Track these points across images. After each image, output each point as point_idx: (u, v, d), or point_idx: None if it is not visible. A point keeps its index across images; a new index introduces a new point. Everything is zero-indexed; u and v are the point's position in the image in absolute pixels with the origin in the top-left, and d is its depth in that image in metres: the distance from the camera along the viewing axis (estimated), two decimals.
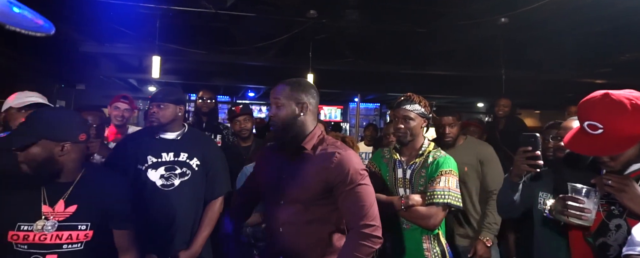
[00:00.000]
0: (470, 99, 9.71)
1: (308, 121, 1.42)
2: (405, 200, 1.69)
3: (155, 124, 1.93)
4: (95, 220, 1.39)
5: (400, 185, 1.79)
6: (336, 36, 4.99)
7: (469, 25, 4.36)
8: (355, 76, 7.23)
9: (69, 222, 1.34)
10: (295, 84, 1.42)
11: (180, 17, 4.20)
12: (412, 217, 1.68)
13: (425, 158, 1.76)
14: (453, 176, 1.69)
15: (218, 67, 6.75)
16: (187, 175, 1.96)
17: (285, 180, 1.41)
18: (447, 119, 2.30)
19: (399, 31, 4.83)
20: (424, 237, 1.70)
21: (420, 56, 6.09)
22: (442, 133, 2.31)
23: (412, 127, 1.74)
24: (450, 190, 1.65)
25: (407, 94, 1.80)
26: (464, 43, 5.41)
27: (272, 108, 1.42)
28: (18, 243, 1.28)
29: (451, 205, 1.65)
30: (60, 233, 1.32)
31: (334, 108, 10.44)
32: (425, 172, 1.72)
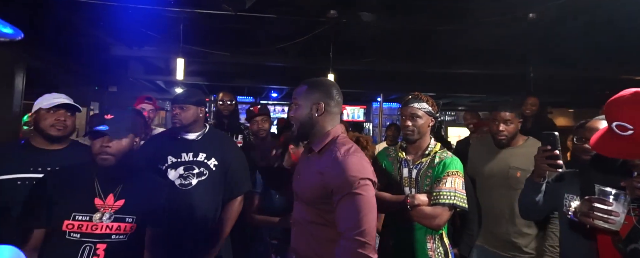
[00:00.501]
0: (497, 99, 9.41)
1: (325, 122, 1.39)
2: (411, 199, 1.68)
3: (177, 126, 1.99)
4: (139, 215, 1.51)
5: (406, 184, 1.78)
6: (357, 35, 4.96)
7: (496, 21, 4.21)
8: (377, 76, 7.17)
9: (119, 214, 1.46)
10: (313, 84, 1.41)
11: (203, 20, 4.30)
12: (418, 216, 1.67)
13: (432, 158, 1.74)
14: (459, 178, 1.68)
15: (241, 68, 6.87)
16: (204, 175, 2.01)
17: (297, 179, 1.45)
18: (503, 115, 2.08)
19: (422, 30, 4.74)
20: (428, 236, 1.70)
21: (444, 54, 5.95)
22: (496, 130, 2.12)
23: (420, 125, 1.74)
24: (456, 191, 1.64)
25: (415, 93, 1.80)
26: (491, 40, 5.24)
27: (292, 107, 1.45)
28: (72, 232, 1.39)
29: (457, 205, 1.64)
30: (110, 224, 1.44)
31: (356, 108, 10.39)
32: (431, 172, 1.71)
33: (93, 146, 1.47)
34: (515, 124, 2.13)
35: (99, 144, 1.45)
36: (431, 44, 5.53)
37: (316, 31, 4.60)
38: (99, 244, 1.42)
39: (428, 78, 7.19)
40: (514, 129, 2.14)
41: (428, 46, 5.63)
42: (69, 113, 1.83)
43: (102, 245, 1.42)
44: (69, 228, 1.40)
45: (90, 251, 1.41)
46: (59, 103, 1.76)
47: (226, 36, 5.23)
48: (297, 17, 4.30)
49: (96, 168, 1.49)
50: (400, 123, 1.82)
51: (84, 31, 4.83)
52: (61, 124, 1.79)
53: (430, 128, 1.78)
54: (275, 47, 5.38)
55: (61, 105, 1.77)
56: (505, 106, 2.14)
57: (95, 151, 1.46)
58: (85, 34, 4.98)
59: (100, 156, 1.45)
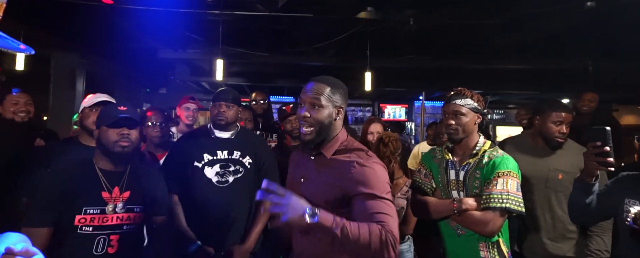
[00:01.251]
0: (552, 95, 8.75)
1: (338, 126, 1.34)
2: (457, 204, 1.56)
3: (223, 123, 2.03)
4: (144, 205, 1.57)
5: (453, 188, 1.66)
6: (395, 32, 4.83)
7: (549, 13, 3.90)
8: (418, 73, 6.95)
9: (128, 205, 1.52)
10: (336, 85, 1.32)
11: (242, 21, 4.40)
12: (467, 222, 1.55)
13: (480, 158, 1.61)
14: (512, 178, 1.53)
15: (281, 68, 6.98)
16: (240, 173, 2.04)
17: (304, 184, 1.35)
18: (567, 116, 1.91)
19: (465, 24, 4.51)
20: (481, 244, 1.56)
21: (490, 49, 5.63)
22: (555, 131, 1.93)
23: (464, 123, 1.61)
24: (509, 194, 1.49)
25: (458, 89, 1.67)
26: (543, 33, 4.86)
27: (306, 106, 1.30)
28: (84, 225, 1.43)
29: (511, 210, 1.48)
30: (121, 215, 1.50)
31: (398, 107, 10.15)
32: (479, 173, 1.58)
33: (110, 135, 1.48)
34: (568, 125, 1.97)
35: (119, 133, 1.49)
36: (476, 38, 5.25)
37: (353, 30, 4.54)
38: (112, 235, 1.47)
39: (473, 75, 6.85)
40: (567, 130, 1.97)
41: (473, 41, 5.36)
42: None
43: (115, 236, 1.48)
44: (82, 222, 1.43)
45: (105, 242, 1.46)
46: (99, 101, 1.87)
47: (265, 36, 5.33)
48: (333, 15, 4.27)
49: (98, 163, 1.53)
50: (443, 121, 1.71)
51: (134, 37, 5.16)
52: None
53: (478, 125, 1.65)
54: (313, 47, 5.39)
55: (102, 102, 1.88)
56: (567, 108, 1.96)
57: (114, 139, 1.48)
58: (135, 40, 5.32)
59: (120, 143, 1.48)
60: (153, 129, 2.34)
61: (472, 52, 5.83)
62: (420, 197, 1.72)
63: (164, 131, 2.37)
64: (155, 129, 2.33)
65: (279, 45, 5.68)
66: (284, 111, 2.84)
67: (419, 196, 1.73)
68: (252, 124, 2.94)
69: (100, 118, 1.55)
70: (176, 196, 1.98)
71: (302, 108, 1.31)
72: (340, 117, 1.33)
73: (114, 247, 1.48)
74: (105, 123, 1.50)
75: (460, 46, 5.56)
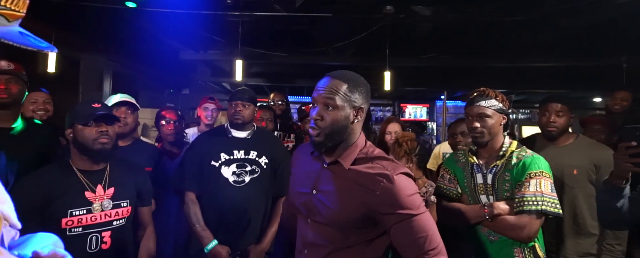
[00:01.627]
0: (582, 94, 8.38)
1: (357, 130, 1.16)
2: (489, 209, 1.49)
3: (239, 122, 2.05)
4: (131, 198, 1.60)
5: (482, 192, 1.58)
6: (415, 30, 4.75)
7: (578, 9, 3.72)
8: (439, 72, 6.81)
9: (114, 201, 1.54)
10: (355, 81, 1.12)
11: (261, 22, 4.44)
12: (500, 228, 1.47)
13: (508, 159, 1.54)
14: (546, 179, 1.45)
15: (300, 68, 6.99)
16: (256, 173, 2.05)
17: (317, 198, 1.16)
18: (555, 106, 1.97)
19: (489, 22, 4.38)
20: (516, 249, 1.49)
21: (515, 47, 5.44)
22: (546, 122, 1.98)
23: (490, 125, 1.54)
24: (543, 195, 1.42)
25: (481, 89, 1.60)
26: (573, 29, 4.65)
27: (319, 106, 1.13)
28: (72, 227, 1.43)
29: (547, 212, 1.41)
30: (109, 212, 1.51)
31: (419, 107, 9.99)
32: (509, 175, 1.50)
33: (87, 133, 1.46)
34: (566, 117, 1.97)
35: (98, 130, 1.47)
36: (500, 36, 5.09)
37: (372, 28, 4.49)
38: (104, 232, 1.48)
39: (497, 73, 6.65)
40: (566, 123, 1.98)
41: (497, 38, 5.19)
42: (129, 110, 1.99)
43: (107, 233, 1.49)
44: (69, 224, 1.42)
45: (98, 240, 1.47)
46: (119, 101, 1.92)
47: (284, 37, 5.35)
48: (352, 15, 4.23)
49: (75, 164, 1.51)
50: (467, 124, 1.63)
51: (157, 39, 5.29)
52: (123, 121, 1.96)
53: (503, 126, 1.59)
54: (332, 46, 5.37)
55: (122, 103, 1.92)
56: (556, 98, 2.01)
57: (93, 137, 1.45)
58: (158, 42, 5.46)
59: (100, 140, 1.46)
60: (167, 128, 2.38)
61: (495, 50, 5.65)
62: (447, 204, 1.65)
63: (177, 130, 2.42)
64: (169, 127, 2.38)
65: (298, 45, 5.69)
66: (303, 111, 2.83)
67: (446, 203, 1.66)
68: (273, 125, 2.94)
69: (74, 117, 1.49)
70: (193, 194, 2.00)
71: (314, 107, 1.14)
72: (360, 119, 1.14)
73: (107, 243, 1.49)
74: (80, 121, 1.46)
75: (483, 44, 5.40)
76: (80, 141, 1.47)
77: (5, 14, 0.58)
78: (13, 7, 0.59)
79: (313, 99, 1.16)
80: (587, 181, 1.92)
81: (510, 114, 1.62)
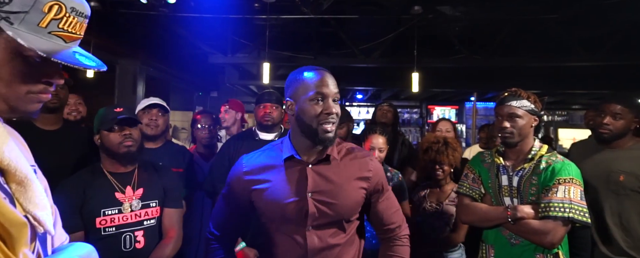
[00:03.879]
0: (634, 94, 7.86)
1: None
2: (512, 211, 1.46)
3: (270, 123, 2.07)
4: (160, 198, 1.63)
5: (506, 194, 1.55)
6: (446, 30, 4.63)
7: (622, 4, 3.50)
8: (469, 73, 6.60)
9: (143, 202, 1.58)
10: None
11: (289, 25, 4.47)
12: (523, 232, 1.44)
13: (537, 163, 1.49)
14: (575, 186, 1.40)
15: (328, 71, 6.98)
16: None
17: (316, 198, 1.12)
18: (613, 107, 1.82)
19: (522, 20, 4.20)
20: (538, 255, 1.45)
21: (553, 45, 5.19)
22: (599, 123, 1.86)
23: (521, 126, 1.50)
24: (572, 202, 1.37)
25: (512, 89, 1.55)
26: (616, 27, 4.39)
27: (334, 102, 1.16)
28: (106, 227, 1.49)
29: (574, 220, 1.36)
30: (139, 212, 1.56)
31: (447, 108, 9.75)
32: (537, 179, 1.46)
33: (112, 138, 1.51)
34: (625, 121, 1.81)
35: (121, 134, 1.52)
36: (537, 34, 4.88)
37: (400, 29, 4.42)
38: (136, 232, 1.53)
39: (531, 73, 6.38)
40: (623, 127, 1.81)
41: (532, 37, 4.98)
42: (160, 112, 2.05)
43: (140, 232, 1.54)
44: (103, 224, 1.48)
45: (131, 239, 1.52)
46: (150, 103, 1.98)
47: (311, 39, 5.37)
48: (380, 16, 4.19)
49: (106, 167, 1.57)
50: (496, 124, 1.60)
51: (188, 43, 5.46)
52: (154, 124, 2.03)
53: (534, 128, 1.54)
54: (359, 48, 5.34)
55: (153, 105, 1.98)
56: (616, 98, 1.84)
57: (118, 141, 1.51)
58: (188, 46, 5.63)
59: (124, 143, 1.51)
60: (202, 132, 2.43)
61: (531, 50, 5.42)
62: (468, 202, 1.64)
63: (212, 134, 2.46)
64: (204, 131, 2.43)
65: (325, 47, 5.69)
66: None
67: (467, 202, 1.64)
68: None
69: (98, 123, 1.55)
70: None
71: (333, 101, 1.18)
72: None
73: (141, 242, 1.54)
74: (105, 127, 1.52)
75: (517, 43, 5.20)
76: (107, 146, 1.53)
77: (62, 35, 0.63)
78: (70, 30, 0.64)
79: (324, 94, 1.14)
80: (637, 189, 1.77)
81: (542, 116, 1.56)
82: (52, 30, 0.62)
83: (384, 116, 2.97)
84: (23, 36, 0.59)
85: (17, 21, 0.59)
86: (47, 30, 0.61)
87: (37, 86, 0.64)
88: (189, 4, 3.88)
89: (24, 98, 0.63)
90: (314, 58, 5.64)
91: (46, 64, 0.63)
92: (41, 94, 0.65)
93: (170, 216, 1.65)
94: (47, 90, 0.66)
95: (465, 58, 5.43)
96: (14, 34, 0.58)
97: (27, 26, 0.59)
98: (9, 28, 0.58)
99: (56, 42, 0.63)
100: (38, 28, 0.60)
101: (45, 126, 1.83)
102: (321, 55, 5.77)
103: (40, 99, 0.66)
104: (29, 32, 0.60)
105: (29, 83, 0.63)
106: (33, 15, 0.60)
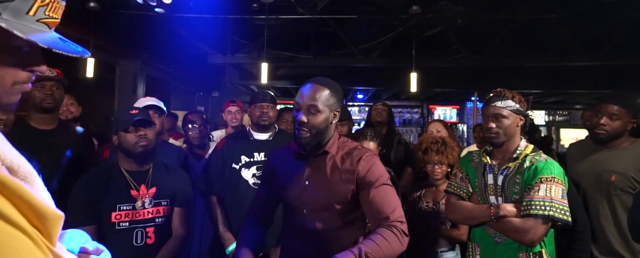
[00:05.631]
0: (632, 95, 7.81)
1: (333, 127, 1.36)
2: (495, 210, 1.48)
3: (267, 123, 2.08)
4: (170, 198, 1.69)
5: (491, 193, 1.57)
6: (445, 30, 4.62)
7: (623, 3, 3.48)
8: (470, 73, 6.58)
9: (155, 200, 1.65)
10: (334, 88, 1.31)
11: (287, 25, 4.48)
12: (505, 230, 1.46)
13: (521, 162, 1.51)
14: (557, 185, 1.42)
15: (326, 71, 6.99)
16: None
17: (310, 187, 1.34)
18: (610, 108, 1.83)
19: (523, 19, 4.19)
20: (521, 253, 1.47)
21: (554, 45, 5.17)
22: (596, 123, 1.87)
23: (506, 126, 1.52)
24: (552, 201, 1.39)
25: (497, 90, 1.58)
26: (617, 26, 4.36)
27: (303, 111, 1.28)
28: (120, 222, 1.56)
29: (555, 218, 1.38)
30: (151, 210, 1.63)
31: (448, 108, 9.73)
32: (520, 178, 1.48)
33: (129, 138, 1.59)
34: (622, 121, 1.81)
35: (136, 134, 1.59)
36: (536, 34, 4.86)
37: (398, 29, 4.42)
38: (148, 228, 1.60)
39: (532, 73, 6.35)
40: (620, 127, 1.82)
41: (532, 37, 4.95)
42: (156, 113, 2.06)
43: (151, 228, 1.61)
44: (117, 218, 1.56)
45: (142, 235, 1.59)
46: (147, 104, 1.99)
47: (310, 39, 5.37)
48: (378, 16, 4.19)
49: (123, 165, 1.64)
50: (483, 124, 1.62)
51: (187, 43, 5.47)
52: None
53: (520, 127, 1.56)
54: (358, 48, 5.33)
55: (149, 106, 1.99)
56: (613, 98, 1.85)
57: (134, 141, 1.58)
58: (188, 46, 5.64)
59: (140, 144, 1.59)
60: (193, 131, 2.45)
61: (530, 49, 5.39)
62: (455, 201, 1.67)
63: (202, 133, 2.48)
64: (195, 131, 2.45)
65: (324, 47, 5.69)
66: None
67: (453, 200, 1.67)
68: None
69: (116, 124, 1.63)
70: (215, 197, 2.03)
71: (299, 112, 1.29)
72: (336, 120, 1.35)
73: (151, 238, 1.61)
74: (121, 128, 1.60)
75: (517, 43, 5.17)
76: (124, 146, 1.61)
77: (47, 22, 0.62)
78: (53, 15, 0.62)
79: (297, 104, 1.30)
80: (627, 190, 1.77)
81: (528, 115, 1.58)
82: (40, 18, 0.60)
83: (379, 115, 2.97)
84: (14, 25, 0.55)
85: (5, 11, 0.55)
86: (35, 18, 0.59)
87: (22, 76, 0.62)
88: (187, 4, 3.90)
89: (9, 90, 0.61)
90: (313, 58, 5.65)
91: (31, 53, 0.61)
92: (24, 84, 0.63)
93: (180, 215, 1.71)
94: (30, 79, 0.63)
95: (465, 58, 5.41)
96: (8, 26, 0.54)
97: (14, 15, 0.56)
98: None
99: (43, 29, 0.61)
100: (26, 17, 0.58)
101: (40, 125, 1.85)
102: (320, 55, 5.77)
103: (24, 89, 0.63)
104: (18, 21, 0.57)
105: (15, 74, 0.60)
106: (20, 3, 0.57)
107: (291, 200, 1.38)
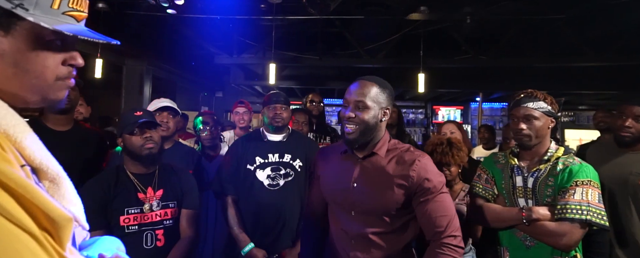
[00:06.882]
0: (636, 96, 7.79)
1: (383, 127, 1.33)
2: (527, 213, 1.44)
3: (281, 124, 2.08)
4: (178, 200, 1.68)
5: (520, 195, 1.53)
6: (452, 31, 4.61)
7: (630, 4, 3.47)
8: (476, 73, 6.57)
9: (163, 202, 1.63)
10: (383, 85, 1.30)
11: (295, 26, 4.48)
12: (538, 233, 1.42)
13: (553, 164, 1.48)
14: (593, 188, 1.39)
15: (333, 71, 7.00)
16: (290, 176, 2.05)
17: (358, 189, 1.30)
18: (636, 109, 1.78)
19: (529, 20, 4.18)
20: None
21: (559, 46, 5.15)
22: (620, 125, 1.81)
23: (538, 128, 1.48)
24: (590, 205, 1.36)
25: (528, 91, 1.53)
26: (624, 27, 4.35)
27: (350, 107, 1.27)
28: (129, 225, 1.55)
29: (592, 222, 1.34)
30: (159, 212, 1.61)
31: (452, 109, 9.70)
32: (553, 181, 1.44)
33: (134, 140, 1.57)
34: None
35: (142, 136, 1.57)
36: (542, 35, 4.85)
37: (405, 30, 4.42)
38: (157, 230, 1.60)
39: (538, 74, 6.33)
40: None
41: (538, 37, 4.95)
42: (170, 114, 2.07)
43: (160, 231, 1.60)
44: (126, 222, 1.55)
45: (152, 237, 1.58)
46: (162, 106, 1.99)
47: (316, 40, 5.37)
48: (386, 16, 4.18)
49: (129, 168, 1.62)
50: (511, 126, 1.58)
51: (194, 44, 5.48)
52: (165, 126, 2.04)
53: (550, 129, 1.52)
54: (364, 48, 5.33)
55: (164, 107, 2.00)
56: (637, 100, 1.80)
57: (140, 143, 1.56)
58: (194, 46, 5.65)
59: (146, 146, 1.57)
60: (203, 132, 2.46)
61: (536, 50, 5.38)
62: (481, 203, 1.62)
63: (213, 134, 2.49)
64: (206, 132, 2.45)
65: (330, 48, 5.70)
66: None
67: (480, 202, 1.62)
68: (308, 128, 2.95)
69: (121, 127, 1.61)
70: (230, 197, 2.04)
71: (346, 108, 1.29)
72: (386, 119, 1.32)
73: (161, 240, 1.60)
74: (126, 131, 1.57)
75: (523, 43, 5.17)
76: (130, 148, 1.59)
77: (74, 15, 0.63)
78: (78, 8, 0.63)
79: (345, 101, 1.30)
80: None
81: (559, 117, 1.55)
82: (65, 11, 0.60)
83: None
84: (42, 19, 0.56)
85: (31, 6, 0.56)
86: (60, 11, 0.59)
87: (63, 72, 0.62)
88: (195, 5, 3.90)
89: (54, 86, 0.61)
90: (319, 58, 5.65)
91: (65, 47, 0.62)
92: (67, 79, 0.63)
93: (188, 216, 1.69)
94: (71, 74, 0.64)
95: (471, 58, 5.41)
96: (36, 19, 0.55)
97: (41, 9, 0.57)
98: (27, 14, 0.55)
99: (70, 22, 0.61)
100: (52, 10, 0.58)
101: (56, 126, 1.86)
102: (327, 55, 5.77)
103: (67, 84, 0.64)
104: (45, 15, 0.57)
105: (56, 69, 0.61)
106: None
107: (338, 200, 1.36)
